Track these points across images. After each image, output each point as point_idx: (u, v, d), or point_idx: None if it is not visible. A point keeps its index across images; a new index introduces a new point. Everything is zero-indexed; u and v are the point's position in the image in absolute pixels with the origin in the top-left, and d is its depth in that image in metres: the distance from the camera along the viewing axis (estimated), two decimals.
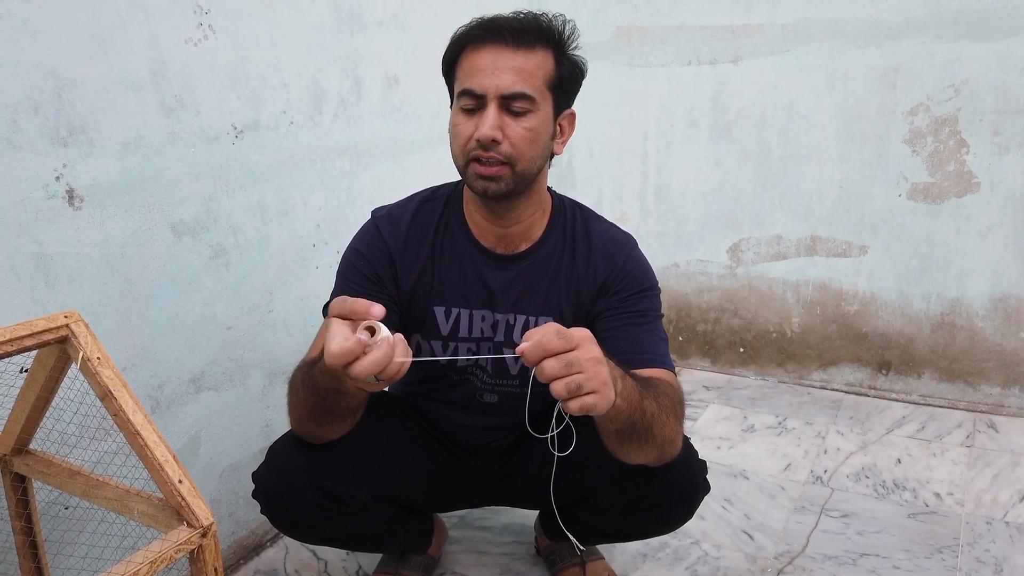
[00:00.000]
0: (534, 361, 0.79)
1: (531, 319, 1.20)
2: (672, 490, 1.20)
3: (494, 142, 1.04)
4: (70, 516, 1.19)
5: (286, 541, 1.61)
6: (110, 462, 1.16)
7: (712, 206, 2.43)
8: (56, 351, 0.90)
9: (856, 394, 2.32)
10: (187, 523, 0.87)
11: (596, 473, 1.15)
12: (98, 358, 0.89)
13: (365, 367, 0.78)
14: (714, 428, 2.13)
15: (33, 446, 1.05)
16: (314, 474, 1.14)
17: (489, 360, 1.23)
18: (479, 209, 1.17)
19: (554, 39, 1.08)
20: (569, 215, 1.23)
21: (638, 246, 1.24)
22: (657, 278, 1.22)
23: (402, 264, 1.19)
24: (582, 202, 1.28)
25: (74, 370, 0.91)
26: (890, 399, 2.27)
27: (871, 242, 2.22)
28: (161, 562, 0.82)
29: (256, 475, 1.17)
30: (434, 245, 1.20)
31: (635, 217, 2.56)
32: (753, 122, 2.30)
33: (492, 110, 1.04)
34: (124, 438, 0.89)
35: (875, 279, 2.24)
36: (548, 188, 1.22)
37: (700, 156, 2.41)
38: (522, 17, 1.06)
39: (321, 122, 1.60)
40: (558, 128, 1.14)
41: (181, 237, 1.34)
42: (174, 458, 0.89)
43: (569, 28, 1.09)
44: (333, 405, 1.01)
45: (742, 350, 2.50)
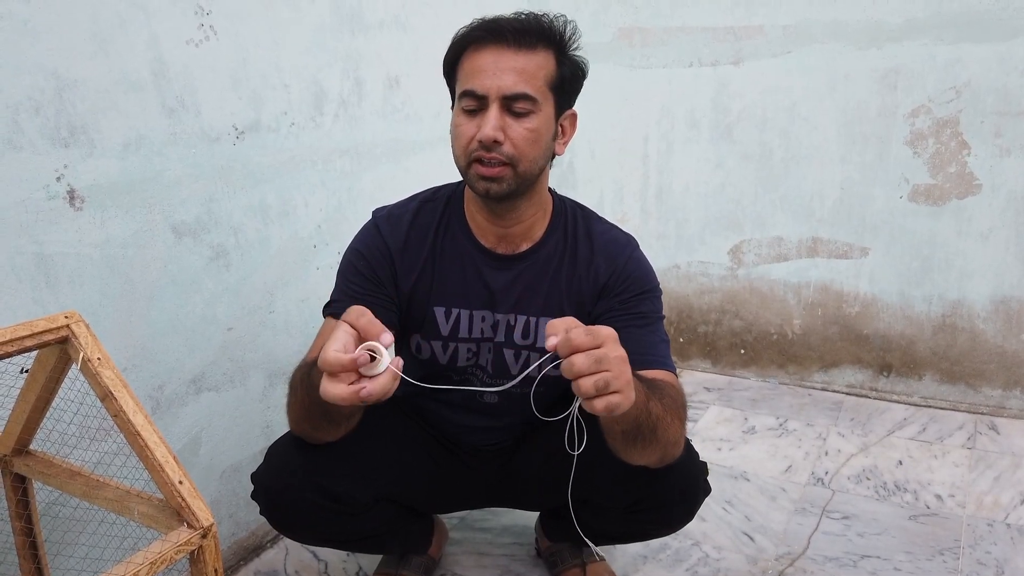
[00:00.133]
0: (565, 355, 0.79)
1: (531, 319, 1.20)
2: (673, 491, 1.20)
3: (496, 143, 1.04)
4: (70, 516, 1.19)
5: (286, 542, 1.61)
6: (110, 463, 1.16)
7: (713, 207, 2.43)
8: (56, 351, 0.90)
9: (857, 396, 2.32)
10: (187, 524, 0.87)
11: (598, 474, 1.14)
12: (98, 359, 0.89)
13: (362, 395, 0.79)
14: (715, 430, 2.13)
15: (33, 447, 1.05)
16: (314, 474, 1.14)
17: (489, 360, 1.23)
18: (480, 209, 1.17)
19: (555, 40, 1.08)
20: (570, 216, 1.23)
21: (639, 247, 1.24)
22: (658, 279, 1.22)
23: (402, 264, 1.19)
24: (583, 203, 1.27)
25: (74, 371, 0.91)
26: (891, 401, 2.27)
27: (872, 244, 2.22)
28: (161, 563, 0.82)
29: (255, 475, 1.17)
30: (434, 245, 1.20)
31: (636, 218, 2.56)
32: (754, 123, 2.29)
33: (494, 111, 1.04)
34: (124, 439, 0.89)
35: (876, 281, 2.24)
36: (549, 189, 1.21)
37: (701, 157, 2.40)
38: (523, 18, 1.06)
39: (322, 123, 1.60)
40: (559, 129, 1.14)
41: (182, 238, 1.34)
42: (174, 459, 0.89)
43: (570, 29, 1.09)
44: (328, 407, 1.01)
45: (743, 351, 2.50)
